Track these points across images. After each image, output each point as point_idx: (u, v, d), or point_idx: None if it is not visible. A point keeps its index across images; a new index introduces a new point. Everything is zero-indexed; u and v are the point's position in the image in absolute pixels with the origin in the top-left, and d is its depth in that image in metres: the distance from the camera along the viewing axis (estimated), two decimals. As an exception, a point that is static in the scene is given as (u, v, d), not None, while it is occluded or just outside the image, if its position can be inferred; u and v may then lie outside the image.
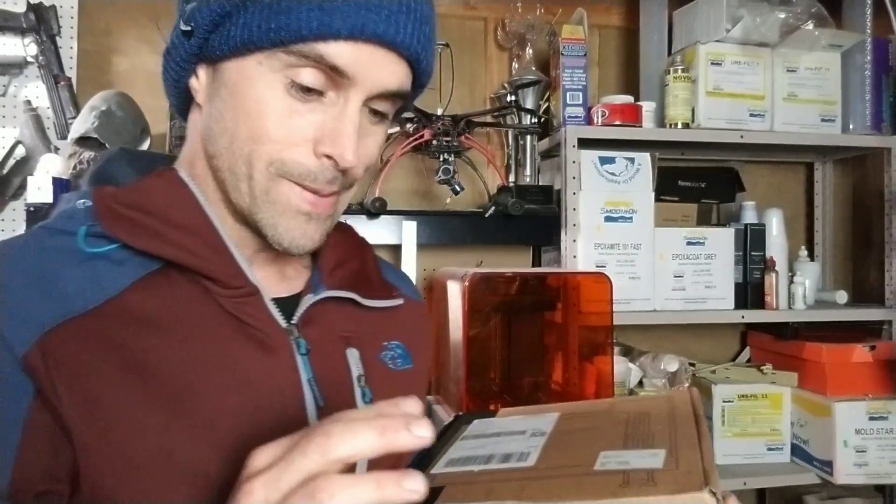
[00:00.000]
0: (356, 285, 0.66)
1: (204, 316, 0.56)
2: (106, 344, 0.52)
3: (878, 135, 1.72)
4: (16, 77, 1.54)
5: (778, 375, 1.70)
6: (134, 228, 0.55)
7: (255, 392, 0.56)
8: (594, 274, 1.44)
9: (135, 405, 0.52)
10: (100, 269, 0.54)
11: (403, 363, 0.68)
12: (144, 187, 0.58)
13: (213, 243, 0.58)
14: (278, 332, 0.59)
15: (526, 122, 1.67)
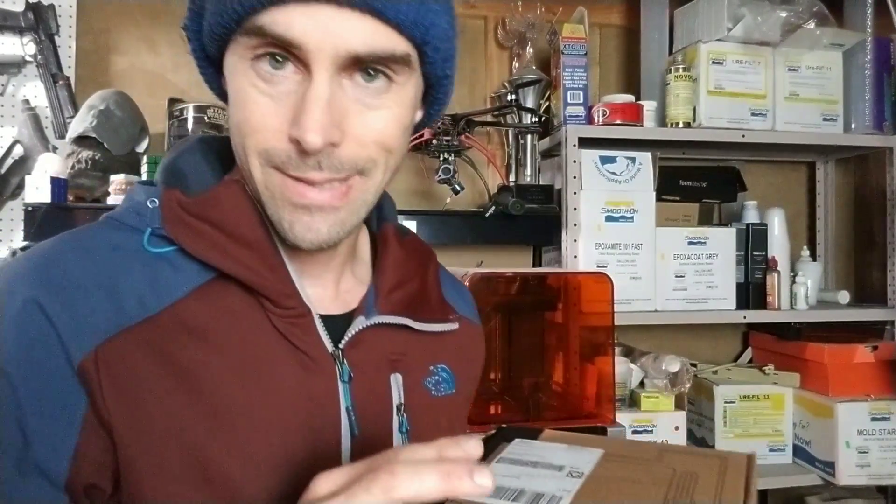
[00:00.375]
0: (412, 308, 0.63)
1: (253, 331, 0.56)
2: (157, 354, 0.53)
3: (880, 134, 1.72)
4: (14, 76, 1.54)
5: (780, 376, 1.70)
6: (196, 237, 0.55)
7: (294, 414, 0.55)
8: (595, 274, 1.43)
9: (177, 416, 0.52)
10: (159, 273, 0.55)
11: (447, 388, 0.66)
12: (211, 198, 0.57)
13: (270, 261, 0.57)
14: (324, 357, 0.58)
15: (526, 122, 1.66)
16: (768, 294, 1.65)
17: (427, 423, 0.63)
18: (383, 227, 0.67)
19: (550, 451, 0.60)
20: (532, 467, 0.57)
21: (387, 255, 0.65)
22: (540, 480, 0.54)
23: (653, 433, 1.51)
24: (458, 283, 0.77)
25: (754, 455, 0.58)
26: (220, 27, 0.52)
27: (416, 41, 0.53)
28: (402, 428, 0.61)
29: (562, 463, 0.58)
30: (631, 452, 0.60)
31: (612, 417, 1.33)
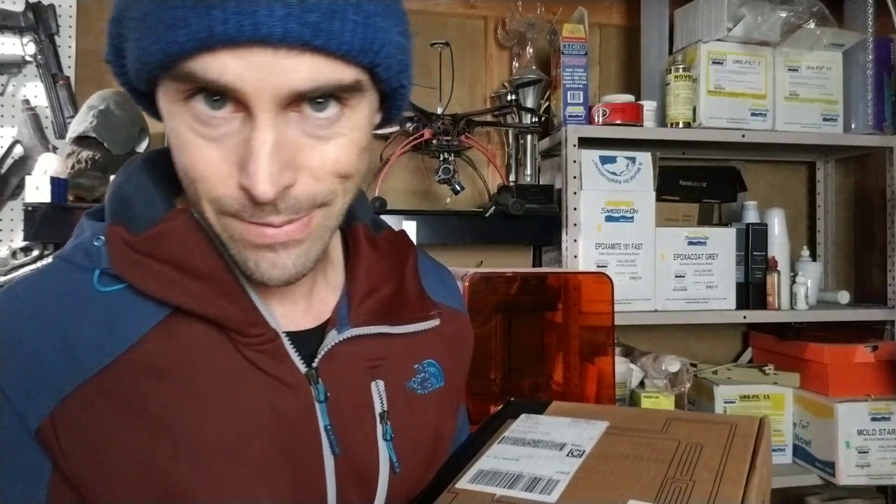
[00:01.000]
0: (388, 313, 0.62)
1: (220, 363, 0.54)
2: (120, 402, 0.51)
3: (880, 134, 1.72)
4: (14, 76, 1.54)
5: (780, 376, 1.70)
6: (147, 276, 0.53)
7: (272, 442, 0.54)
8: (595, 274, 1.43)
9: (149, 462, 0.51)
10: (116, 314, 0.52)
11: (435, 383, 0.65)
12: (159, 234, 0.54)
13: (229, 290, 0.54)
14: (297, 380, 0.56)
15: (526, 122, 1.66)
16: (768, 294, 1.65)
17: (413, 423, 0.62)
18: (353, 228, 0.65)
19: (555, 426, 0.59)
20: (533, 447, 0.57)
21: (358, 259, 0.62)
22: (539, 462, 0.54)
23: (653, 433, 1.51)
24: (441, 270, 0.75)
25: (766, 419, 0.57)
26: (145, 71, 0.47)
27: (366, 66, 0.49)
28: (386, 436, 0.59)
29: (564, 440, 0.57)
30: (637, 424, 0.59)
31: (612, 417, 1.33)
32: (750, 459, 0.51)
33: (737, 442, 0.54)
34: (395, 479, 0.59)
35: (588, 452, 0.54)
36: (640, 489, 0.48)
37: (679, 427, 0.57)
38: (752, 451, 0.52)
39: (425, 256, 0.73)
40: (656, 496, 0.47)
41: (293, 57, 0.45)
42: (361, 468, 0.58)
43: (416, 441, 0.62)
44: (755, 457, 0.51)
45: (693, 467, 0.51)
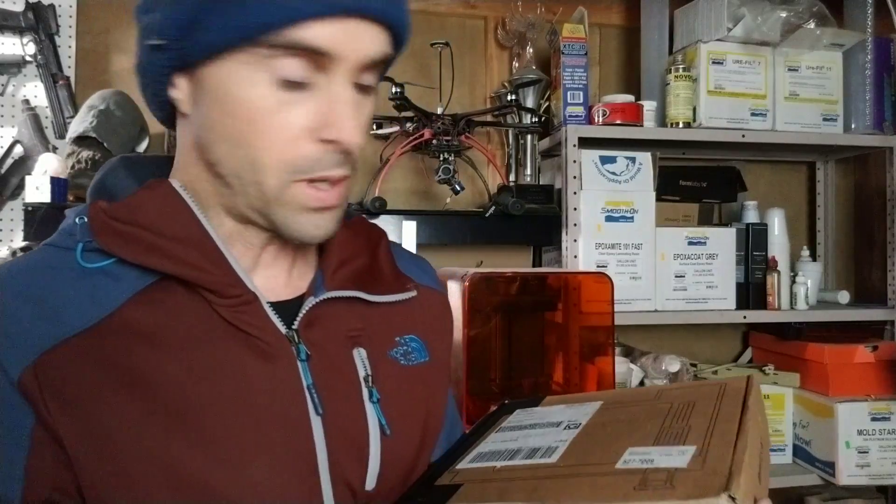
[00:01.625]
0: (362, 282, 0.64)
1: (203, 327, 0.55)
2: (102, 362, 0.52)
3: (880, 134, 1.72)
4: (14, 76, 1.54)
5: (780, 376, 1.70)
6: (128, 243, 0.55)
7: (257, 401, 0.55)
8: (595, 274, 1.43)
9: (134, 422, 0.52)
10: (97, 285, 0.55)
11: (419, 357, 0.67)
12: (137, 201, 0.58)
13: (208, 253, 0.57)
14: (278, 339, 0.58)
15: (526, 122, 1.66)
16: (768, 294, 1.65)
17: (400, 391, 0.63)
18: None
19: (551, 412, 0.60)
20: (531, 429, 0.57)
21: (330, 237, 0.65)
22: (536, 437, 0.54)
23: (653, 433, 1.51)
24: (417, 257, 0.78)
25: (752, 376, 0.59)
26: (234, 39, 0.51)
27: (399, 43, 0.58)
28: (372, 398, 0.61)
29: (560, 419, 0.58)
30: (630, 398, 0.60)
31: (612, 417, 1.33)
32: (742, 403, 0.53)
33: (728, 395, 0.56)
34: (388, 442, 0.60)
35: (585, 423, 0.55)
36: (638, 438, 0.49)
37: (671, 393, 0.60)
38: (742, 398, 0.54)
39: (399, 245, 0.76)
40: (654, 441, 0.48)
41: (373, 29, 0.54)
42: (350, 430, 0.59)
43: (405, 407, 0.64)
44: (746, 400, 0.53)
45: (688, 417, 0.53)
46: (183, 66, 0.55)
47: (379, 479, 0.60)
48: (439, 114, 1.54)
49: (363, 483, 0.59)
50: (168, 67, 0.55)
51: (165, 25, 0.53)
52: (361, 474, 0.59)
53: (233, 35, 0.51)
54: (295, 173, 0.54)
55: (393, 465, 0.61)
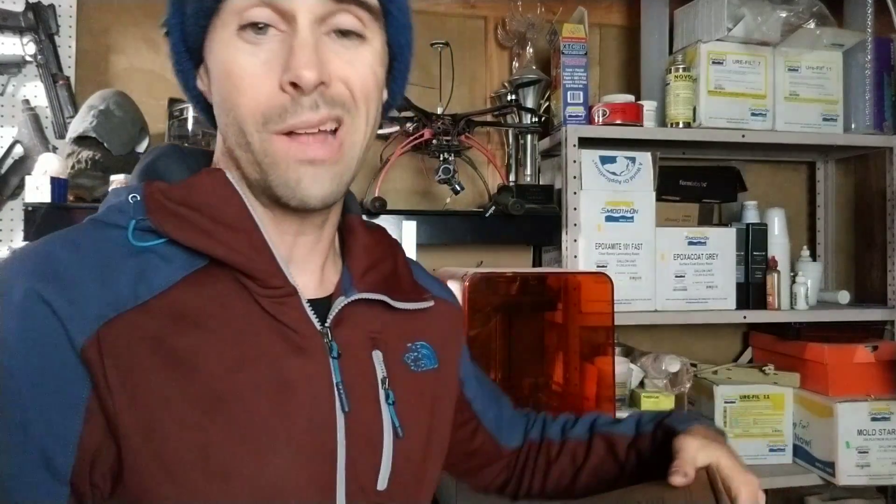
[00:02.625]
0: (387, 287, 0.66)
1: (244, 315, 0.57)
2: (151, 339, 0.53)
3: (880, 134, 1.72)
4: (14, 76, 1.53)
5: (780, 376, 1.70)
6: (182, 224, 0.56)
7: (290, 394, 0.56)
8: (595, 274, 1.43)
9: (176, 401, 0.53)
10: (148, 264, 0.55)
11: (428, 364, 0.68)
12: (194, 184, 0.59)
13: (256, 243, 0.58)
14: (313, 334, 0.59)
15: (526, 122, 1.66)
16: (768, 294, 1.65)
17: (410, 395, 0.65)
18: (348, 217, 0.70)
19: None
20: None
21: (355, 240, 0.68)
22: None
23: (653, 433, 1.51)
24: (429, 273, 0.80)
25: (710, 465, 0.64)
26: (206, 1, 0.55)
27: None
28: (388, 399, 0.62)
29: None
30: None
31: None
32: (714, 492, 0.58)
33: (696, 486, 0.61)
34: (399, 443, 0.62)
35: None
36: None
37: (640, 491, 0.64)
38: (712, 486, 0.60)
39: (418, 263, 0.78)
40: None
41: None
42: (369, 429, 0.61)
43: (414, 411, 0.65)
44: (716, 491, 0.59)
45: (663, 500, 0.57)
46: (194, 52, 0.59)
47: (390, 480, 0.61)
48: (439, 114, 1.54)
49: (375, 483, 0.60)
50: (183, 55, 0.59)
51: (168, 11, 0.58)
52: (374, 474, 0.60)
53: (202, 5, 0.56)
54: (269, 124, 0.55)
55: (403, 467, 0.62)
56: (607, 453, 0.79)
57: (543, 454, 0.83)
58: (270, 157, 0.56)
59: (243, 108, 0.55)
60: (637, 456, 0.77)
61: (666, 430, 0.74)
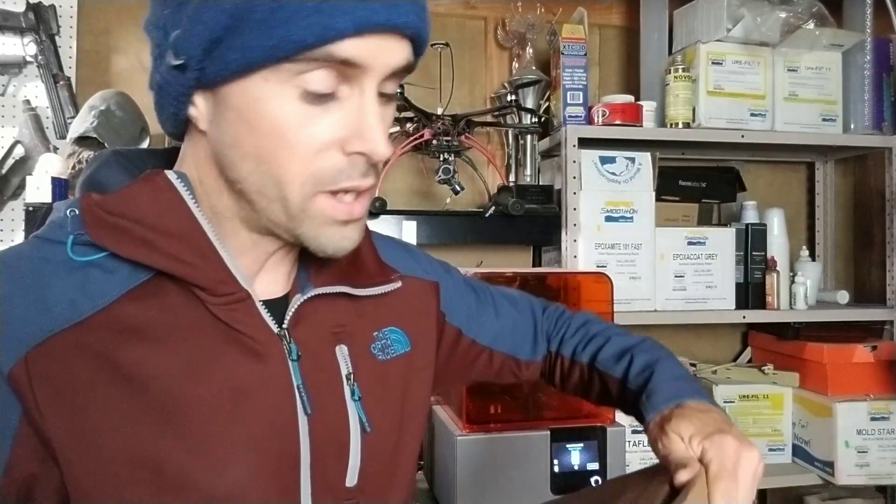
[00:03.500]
0: (346, 277, 0.64)
1: (195, 325, 0.55)
2: (94, 357, 0.52)
3: (879, 134, 1.72)
4: (15, 76, 1.54)
5: (779, 376, 1.70)
6: (120, 236, 0.54)
7: (248, 400, 0.55)
8: (595, 274, 1.44)
9: (123, 418, 0.51)
10: (89, 279, 0.53)
11: (398, 349, 0.68)
12: (129, 194, 0.56)
13: (201, 249, 0.56)
14: (270, 338, 0.58)
15: (526, 122, 1.67)
16: (767, 294, 1.65)
17: (378, 386, 0.64)
18: None
19: None
20: None
21: None
22: None
23: (652, 433, 1.52)
24: (404, 245, 0.78)
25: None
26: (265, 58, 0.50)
27: (419, 52, 0.57)
28: (354, 396, 0.61)
29: None
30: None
31: (611, 417, 1.34)
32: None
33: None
34: (369, 438, 0.61)
35: None
36: None
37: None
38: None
39: (389, 238, 0.77)
40: None
41: (397, 40, 0.54)
42: (333, 429, 0.60)
43: (383, 402, 0.65)
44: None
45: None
46: (205, 85, 0.53)
47: (360, 474, 0.61)
48: (439, 114, 1.54)
49: (343, 480, 0.60)
50: (189, 87, 0.54)
51: (187, 44, 0.52)
52: (342, 471, 0.60)
53: (264, 56, 0.50)
54: (318, 185, 0.54)
55: (373, 460, 0.62)
56: (603, 389, 0.79)
57: (559, 367, 0.84)
58: (310, 213, 0.55)
59: (291, 170, 0.53)
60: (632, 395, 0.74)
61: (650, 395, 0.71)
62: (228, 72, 0.51)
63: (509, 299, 0.86)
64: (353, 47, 0.51)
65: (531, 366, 0.84)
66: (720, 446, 0.58)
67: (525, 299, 0.88)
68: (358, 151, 0.53)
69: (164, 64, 0.54)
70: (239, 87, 0.52)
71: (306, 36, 0.49)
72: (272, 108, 0.52)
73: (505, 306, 0.84)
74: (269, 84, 0.51)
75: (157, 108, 0.59)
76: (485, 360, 0.82)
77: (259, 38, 0.49)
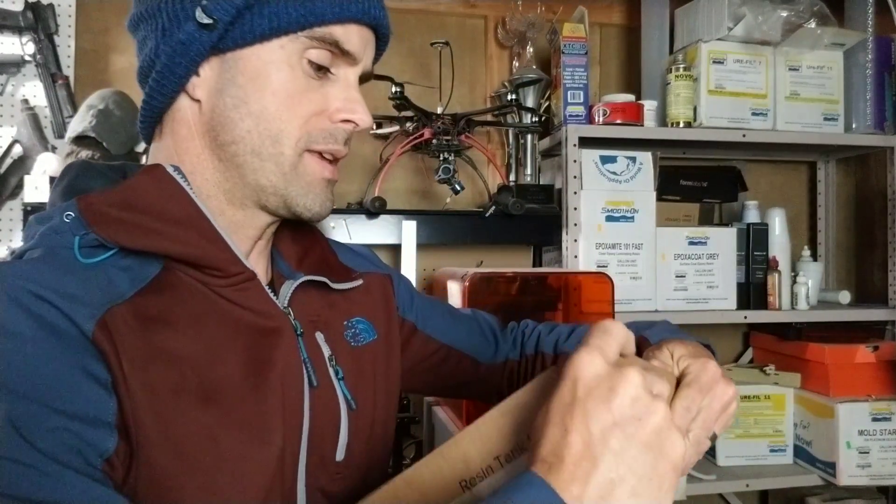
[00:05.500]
0: (324, 271, 0.70)
1: (210, 312, 0.57)
2: (143, 332, 0.53)
3: (881, 134, 1.71)
4: (13, 76, 1.53)
5: (781, 376, 1.69)
6: (129, 229, 0.55)
7: (271, 371, 0.58)
8: (595, 274, 1.43)
9: (179, 393, 0.53)
10: (104, 277, 0.54)
11: (367, 337, 0.72)
12: (134, 185, 0.58)
13: (208, 234, 0.59)
14: (279, 314, 0.62)
15: (526, 121, 1.66)
16: (769, 294, 1.65)
17: (355, 369, 0.69)
18: None
19: None
20: None
21: (282, 230, 0.70)
22: None
23: (653, 433, 1.51)
24: (355, 247, 0.84)
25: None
26: (290, 26, 0.58)
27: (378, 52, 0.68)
28: (338, 375, 0.66)
29: None
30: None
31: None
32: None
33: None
34: (353, 415, 0.66)
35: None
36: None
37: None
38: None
39: (339, 242, 0.82)
40: None
41: (372, 41, 0.65)
42: (328, 403, 0.64)
43: (361, 383, 0.69)
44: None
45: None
46: (221, 48, 0.58)
47: (347, 450, 0.64)
48: (439, 113, 1.54)
49: (334, 455, 0.64)
50: (209, 48, 0.58)
51: (221, 7, 0.57)
52: (333, 446, 0.64)
53: (291, 24, 0.58)
54: (309, 142, 0.61)
55: (357, 437, 0.66)
56: None
57: (539, 365, 0.87)
58: (299, 171, 0.61)
59: (290, 126, 0.60)
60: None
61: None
62: (253, 36, 0.58)
63: (463, 310, 0.93)
64: (351, 37, 0.61)
65: (491, 367, 0.88)
66: (704, 366, 0.54)
67: (479, 313, 0.94)
68: (345, 119, 0.62)
69: (185, 27, 0.57)
70: (255, 52, 0.59)
71: (327, 12, 0.59)
72: (284, 72, 0.59)
73: (460, 312, 0.91)
74: (284, 51, 0.59)
75: (158, 85, 0.60)
76: (442, 357, 0.85)
77: (289, 8, 0.57)
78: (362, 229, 1.44)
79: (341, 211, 1.45)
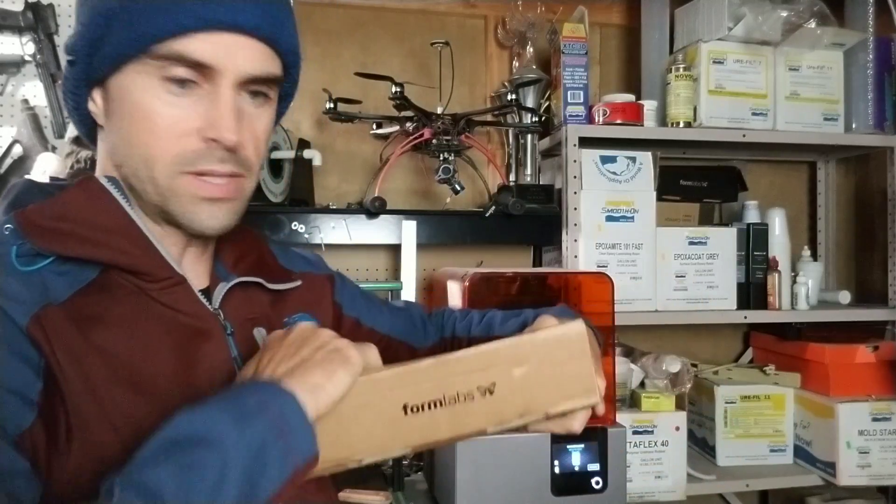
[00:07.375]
0: (259, 272, 0.74)
1: (143, 313, 0.62)
2: (77, 330, 0.58)
3: (881, 134, 1.71)
4: (13, 76, 1.53)
5: (781, 376, 1.69)
6: (62, 238, 0.59)
7: (199, 369, 0.63)
8: (595, 274, 1.43)
9: (108, 383, 0.57)
10: (45, 279, 0.59)
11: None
12: (66, 198, 0.63)
13: (138, 241, 0.63)
14: (209, 315, 0.66)
15: (526, 121, 1.66)
16: (769, 294, 1.65)
17: None
18: None
19: None
20: None
21: (223, 237, 0.72)
22: None
23: (653, 433, 1.51)
24: (299, 251, 0.88)
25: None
26: (129, 50, 0.59)
27: (288, 65, 0.67)
28: None
29: None
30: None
31: (612, 418, 1.33)
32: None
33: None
34: None
35: None
36: None
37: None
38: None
39: (279, 245, 0.86)
40: None
41: (250, 46, 0.62)
42: None
43: None
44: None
45: None
46: (96, 80, 0.63)
47: None
48: (439, 113, 1.54)
49: None
50: (82, 80, 0.63)
51: (77, 43, 0.62)
52: None
53: (127, 48, 0.59)
54: (181, 165, 0.61)
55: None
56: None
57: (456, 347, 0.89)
58: (177, 191, 0.62)
59: (156, 149, 0.61)
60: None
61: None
62: (107, 65, 0.61)
63: (397, 302, 1.00)
64: (202, 47, 0.59)
65: (423, 351, 0.93)
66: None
67: (411, 303, 1.02)
68: (210, 137, 0.61)
69: (65, 62, 0.65)
70: (119, 79, 0.61)
71: (158, 29, 0.58)
72: (139, 95, 0.61)
73: (394, 305, 0.97)
74: (140, 76, 0.60)
75: (64, 102, 0.68)
76: (384, 347, 0.88)
77: (126, 33, 0.59)
78: (362, 229, 1.44)
79: (341, 211, 1.45)
